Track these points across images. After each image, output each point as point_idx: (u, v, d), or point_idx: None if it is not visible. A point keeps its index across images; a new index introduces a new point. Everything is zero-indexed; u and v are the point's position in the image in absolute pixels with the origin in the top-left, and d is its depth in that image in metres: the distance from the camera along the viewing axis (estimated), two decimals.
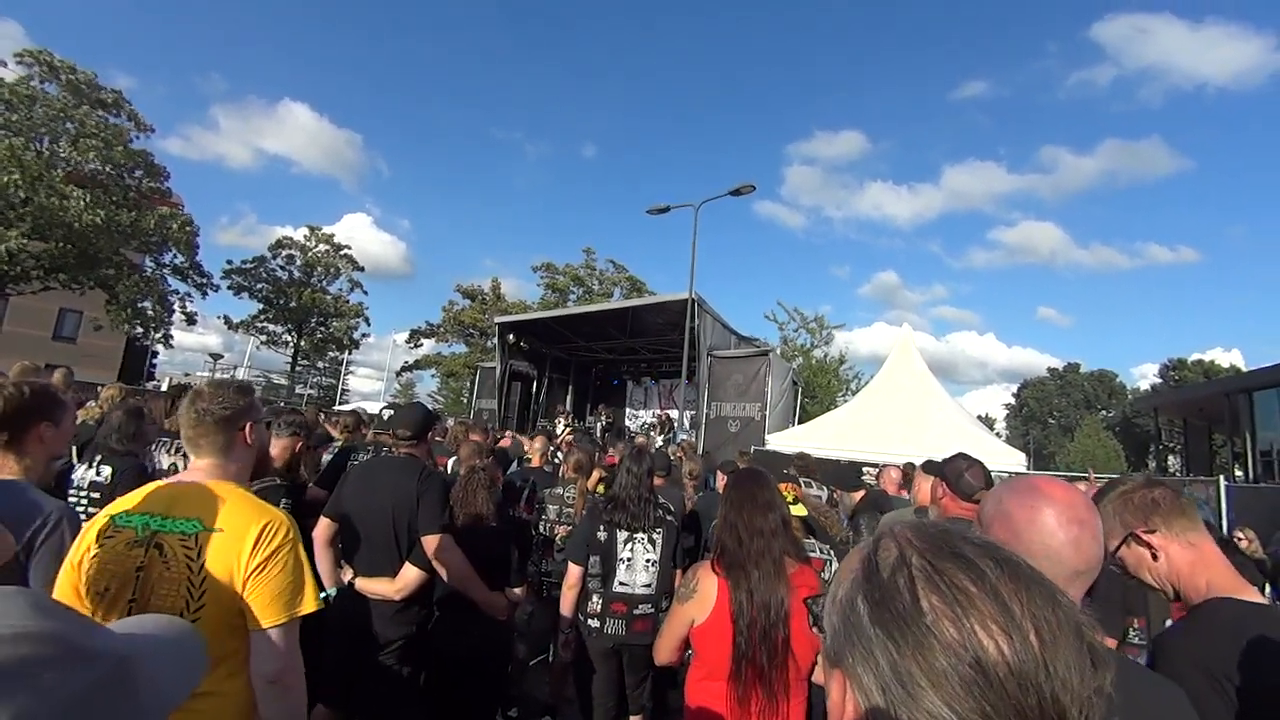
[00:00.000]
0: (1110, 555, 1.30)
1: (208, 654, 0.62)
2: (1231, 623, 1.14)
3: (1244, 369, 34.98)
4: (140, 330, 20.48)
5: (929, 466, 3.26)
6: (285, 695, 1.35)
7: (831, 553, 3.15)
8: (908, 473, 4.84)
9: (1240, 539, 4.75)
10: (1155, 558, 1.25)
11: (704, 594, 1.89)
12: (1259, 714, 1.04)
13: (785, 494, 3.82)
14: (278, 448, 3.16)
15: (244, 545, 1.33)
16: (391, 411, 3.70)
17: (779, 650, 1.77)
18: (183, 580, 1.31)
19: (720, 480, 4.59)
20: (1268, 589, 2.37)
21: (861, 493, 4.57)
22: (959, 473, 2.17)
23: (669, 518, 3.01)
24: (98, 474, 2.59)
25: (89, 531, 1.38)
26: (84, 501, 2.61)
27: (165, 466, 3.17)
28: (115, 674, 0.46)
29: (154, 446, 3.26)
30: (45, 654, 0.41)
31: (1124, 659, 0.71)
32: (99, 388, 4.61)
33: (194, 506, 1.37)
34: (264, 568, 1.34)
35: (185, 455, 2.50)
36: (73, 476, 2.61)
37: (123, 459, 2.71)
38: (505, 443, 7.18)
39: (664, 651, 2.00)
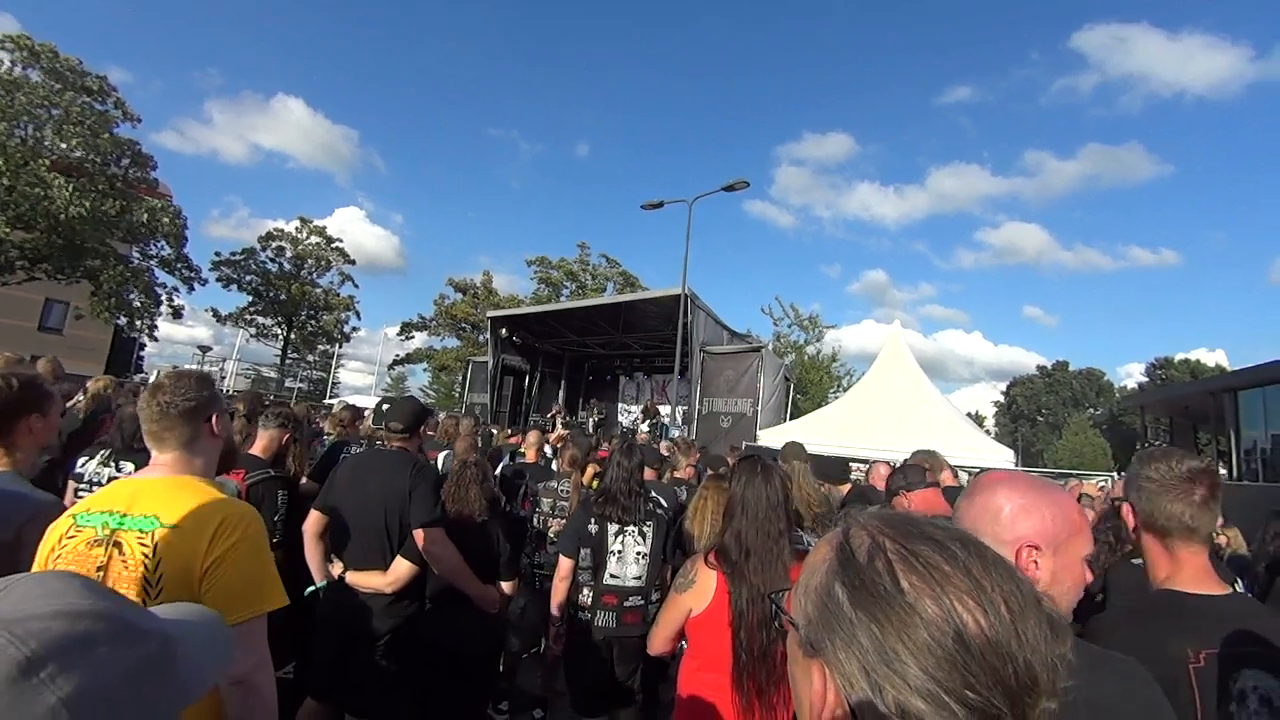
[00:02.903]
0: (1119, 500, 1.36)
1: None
2: (1165, 607, 1.19)
3: (1228, 369, 35.47)
4: (125, 321, 20.20)
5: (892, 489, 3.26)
6: (251, 696, 1.29)
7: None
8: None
9: (1219, 537, 4.80)
10: (1136, 531, 1.30)
11: (702, 585, 1.88)
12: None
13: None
14: (265, 439, 3.15)
15: (200, 541, 1.29)
16: (388, 405, 3.69)
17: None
18: (140, 579, 1.26)
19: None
20: (1238, 584, 2.42)
21: (848, 486, 4.63)
22: (896, 486, 2.80)
23: (659, 511, 3.03)
24: (117, 470, 2.48)
25: (52, 532, 1.34)
26: None
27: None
28: (161, 652, 0.49)
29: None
30: (101, 630, 0.43)
31: (1079, 641, 0.75)
32: (87, 380, 4.56)
33: (153, 503, 1.33)
34: (221, 563, 1.28)
35: (117, 464, 2.46)
36: (80, 470, 2.52)
37: (139, 455, 2.64)
38: (516, 440, 7.24)
39: (659, 641, 1.99)
